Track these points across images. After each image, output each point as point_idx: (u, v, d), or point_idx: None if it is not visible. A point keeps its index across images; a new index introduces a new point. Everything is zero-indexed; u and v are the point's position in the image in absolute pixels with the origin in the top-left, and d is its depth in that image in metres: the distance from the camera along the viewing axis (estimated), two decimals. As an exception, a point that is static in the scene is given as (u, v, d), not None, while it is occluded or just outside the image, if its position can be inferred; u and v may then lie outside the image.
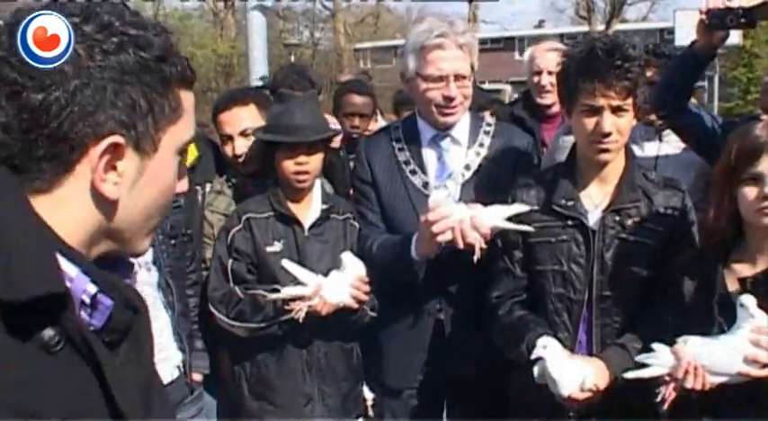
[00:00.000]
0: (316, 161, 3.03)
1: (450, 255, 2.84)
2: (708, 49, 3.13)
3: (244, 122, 3.37)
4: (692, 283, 2.44)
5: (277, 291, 2.88)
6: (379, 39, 40.30)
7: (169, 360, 3.00)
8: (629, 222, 2.65)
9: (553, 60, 3.79)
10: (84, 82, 1.05)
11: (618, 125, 2.56)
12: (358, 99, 4.57)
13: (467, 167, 3.02)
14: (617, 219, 2.65)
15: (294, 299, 2.84)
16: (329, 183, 3.57)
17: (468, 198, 2.90)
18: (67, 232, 1.09)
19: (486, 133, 3.08)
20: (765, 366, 2.17)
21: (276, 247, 3.00)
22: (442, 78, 2.90)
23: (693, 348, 2.25)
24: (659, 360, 2.30)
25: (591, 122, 2.57)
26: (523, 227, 2.66)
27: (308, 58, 35.22)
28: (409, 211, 2.96)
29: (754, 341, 2.17)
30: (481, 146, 3.05)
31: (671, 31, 3.55)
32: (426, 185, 3.00)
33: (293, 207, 3.06)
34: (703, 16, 3.03)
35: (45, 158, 1.06)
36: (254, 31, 10.59)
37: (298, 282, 2.86)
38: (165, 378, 2.10)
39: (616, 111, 2.54)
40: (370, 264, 2.99)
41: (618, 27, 36.93)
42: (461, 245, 2.64)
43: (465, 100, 2.98)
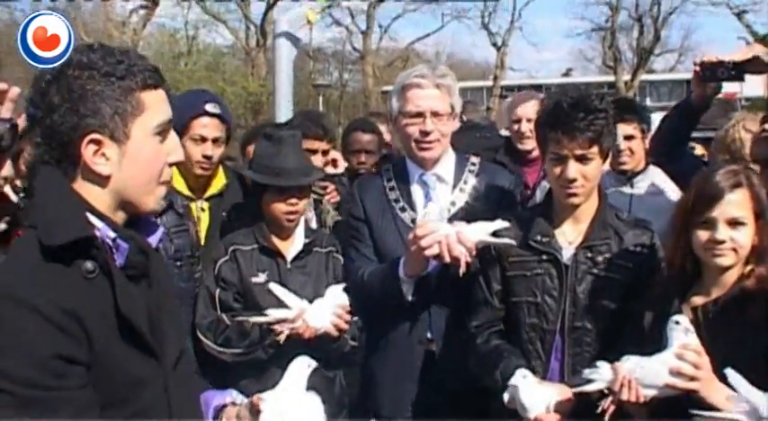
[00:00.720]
0: (304, 202, 3.23)
1: (439, 284, 3.03)
2: (702, 99, 3.39)
3: None
4: (651, 315, 2.60)
5: (264, 315, 3.02)
6: (408, 82, 40.62)
7: None
8: (600, 258, 2.83)
9: (532, 108, 4.04)
10: (68, 107, 1.63)
11: (583, 172, 2.75)
12: (363, 137, 4.76)
13: (452, 204, 3.21)
14: (589, 255, 2.83)
15: (278, 322, 2.99)
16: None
17: None
18: (95, 200, 1.68)
19: (471, 172, 3.28)
20: (693, 380, 2.32)
21: (260, 278, 3.16)
22: (419, 114, 3.13)
23: (629, 364, 2.43)
24: (601, 375, 2.47)
25: (558, 170, 2.77)
26: (506, 240, 2.85)
27: (336, 98, 35.72)
28: (399, 245, 3.13)
29: (680, 355, 2.34)
30: (465, 183, 3.25)
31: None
32: (414, 222, 3.16)
33: (277, 241, 3.23)
34: (698, 68, 3.28)
35: (63, 158, 1.67)
36: (281, 70, 10.84)
37: (283, 306, 3.01)
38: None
39: (581, 159, 2.74)
40: (362, 292, 3.15)
41: (644, 77, 37.11)
42: (448, 258, 2.82)
43: (442, 137, 3.19)
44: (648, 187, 4.14)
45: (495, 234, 2.86)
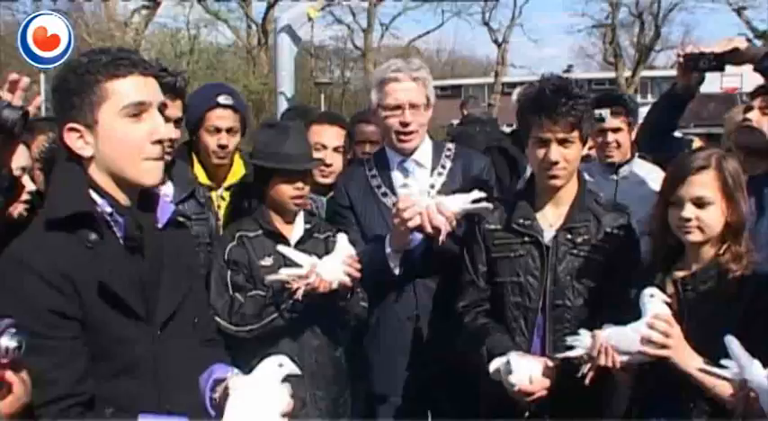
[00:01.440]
0: (308, 187, 3.37)
1: (422, 259, 3.21)
2: (687, 89, 3.57)
3: None
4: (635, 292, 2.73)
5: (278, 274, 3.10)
6: (409, 79, 40.63)
7: None
8: (579, 240, 2.98)
9: None
10: (57, 103, 2.00)
11: (565, 155, 2.90)
12: (367, 128, 4.89)
13: (431, 186, 3.38)
14: (569, 237, 2.98)
15: (292, 280, 3.06)
16: None
17: None
18: (99, 180, 1.99)
19: (447, 157, 3.48)
20: (663, 347, 2.49)
21: (267, 262, 3.26)
22: (398, 107, 3.32)
23: (606, 332, 2.60)
24: (581, 342, 2.64)
25: (541, 152, 2.92)
26: (483, 204, 3.03)
27: (338, 96, 35.80)
28: (384, 228, 3.31)
29: (651, 324, 2.50)
30: (443, 168, 3.44)
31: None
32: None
33: (280, 225, 3.35)
34: (681, 59, 3.47)
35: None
36: (283, 68, 10.94)
37: (294, 266, 3.10)
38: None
39: (562, 142, 2.89)
40: None
41: (645, 73, 37.14)
42: (429, 228, 3.00)
43: (420, 127, 3.38)
44: (633, 177, 4.30)
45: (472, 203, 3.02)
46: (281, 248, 3.17)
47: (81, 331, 1.88)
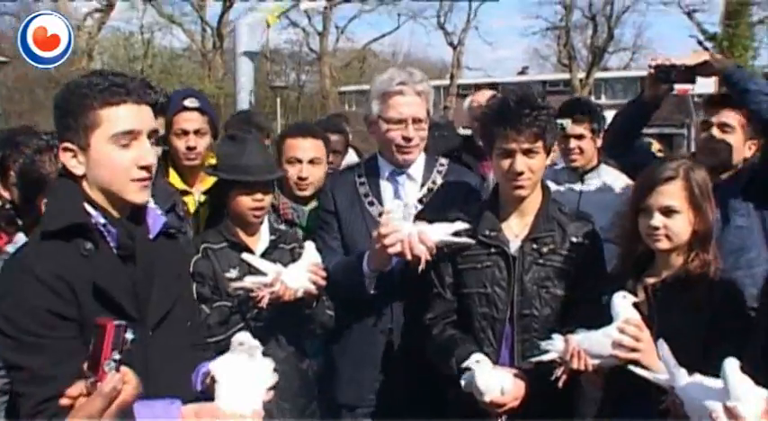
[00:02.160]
0: (269, 198, 3.35)
1: (401, 277, 3.19)
2: (654, 99, 3.65)
3: None
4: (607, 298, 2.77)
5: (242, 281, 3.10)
6: (365, 82, 40.57)
7: None
8: (545, 249, 3.00)
9: None
10: (57, 120, 2.14)
11: (529, 165, 2.92)
12: (332, 137, 4.90)
13: (420, 201, 3.38)
14: (534, 247, 3.00)
15: (257, 288, 3.06)
16: None
17: None
18: (93, 194, 2.13)
19: (439, 172, 3.47)
20: (633, 351, 2.55)
21: (232, 274, 3.24)
22: (401, 121, 3.31)
23: (579, 336, 2.64)
24: (554, 346, 2.68)
25: (506, 163, 2.94)
26: (465, 240, 3.01)
27: (293, 100, 35.70)
28: (366, 237, 3.28)
29: (621, 329, 2.56)
30: (434, 183, 3.44)
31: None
32: (382, 216, 3.30)
33: (244, 237, 3.34)
34: (652, 70, 3.54)
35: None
36: (242, 73, 10.89)
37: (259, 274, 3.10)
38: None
39: (527, 153, 2.91)
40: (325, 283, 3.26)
41: (599, 75, 37.62)
42: (409, 256, 2.98)
43: (421, 141, 3.37)
44: (598, 184, 4.35)
45: (454, 235, 3.01)
46: (245, 256, 3.17)
47: (79, 333, 1.98)
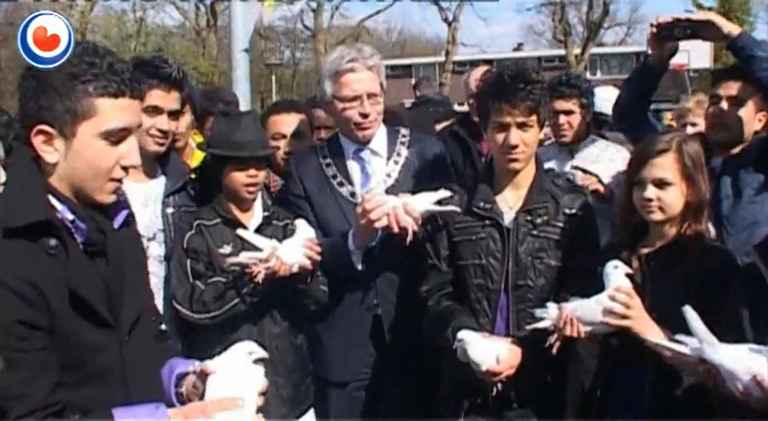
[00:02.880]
0: (263, 174, 3.35)
1: (386, 254, 3.21)
2: (660, 61, 3.58)
3: None
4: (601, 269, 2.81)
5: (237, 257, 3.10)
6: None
7: None
8: (538, 221, 3.04)
9: None
10: (32, 96, 1.85)
11: (524, 138, 2.96)
12: (322, 113, 4.89)
13: (388, 175, 3.40)
14: (528, 218, 3.04)
15: (252, 263, 3.06)
16: None
17: None
18: (57, 183, 1.89)
19: (403, 143, 3.47)
20: (624, 318, 2.60)
21: (226, 250, 3.24)
22: (356, 98, 3.29)
23: (572, 304, 2.70)
24: (549, 314, 2.74)
25: (501, 137, 2.97)
26: (450, 207, 3.04)
27: (288, 77, 35.62)
28: (341, 218, 3.32)
29: (612, 297, 2.61)
30: (399, 155, 3.44)
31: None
32: (353, 195, 3.35)
33: (237, 213, 3.34)
34: (654, 29, 3.46)
35: (27, 141, 1.88)
36: (237, 50, 10.78)
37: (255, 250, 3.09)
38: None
39: (521, 126, 2.94)
40: None
41: (594, 50, 37.59)
42: (396, 229, 3.01)
43: (378, 116, 3.37)
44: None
45: (439, 203, 3.04)
46: (240, 232, 3.17)
47: (50, 340, 1.82)
